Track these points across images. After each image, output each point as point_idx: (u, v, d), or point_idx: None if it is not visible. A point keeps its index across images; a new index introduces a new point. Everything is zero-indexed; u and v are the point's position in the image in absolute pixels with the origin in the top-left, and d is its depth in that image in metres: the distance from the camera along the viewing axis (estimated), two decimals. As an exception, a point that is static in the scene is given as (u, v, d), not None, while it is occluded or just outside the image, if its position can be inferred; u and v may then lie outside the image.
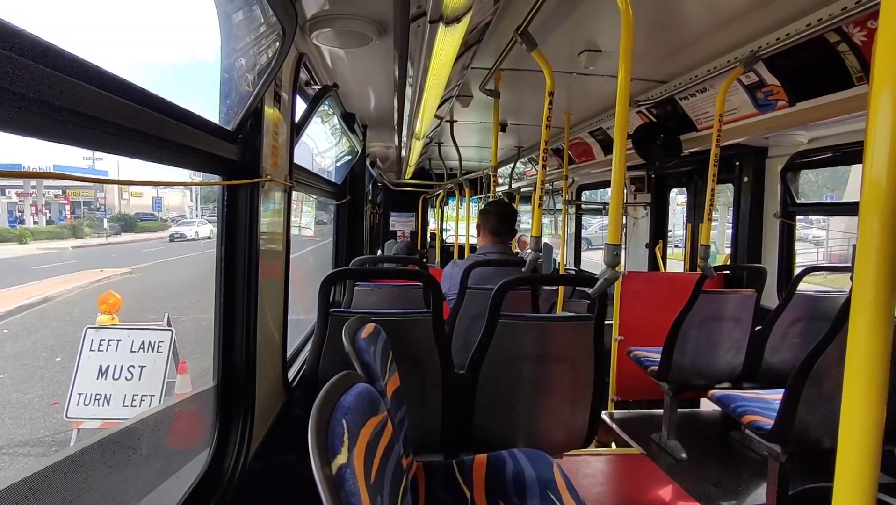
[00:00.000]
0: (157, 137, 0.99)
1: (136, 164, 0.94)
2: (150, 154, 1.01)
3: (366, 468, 0.83)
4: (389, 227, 9.28)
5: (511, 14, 1.90)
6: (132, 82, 0.88)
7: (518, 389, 1.83)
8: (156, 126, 0.96)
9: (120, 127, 0.85)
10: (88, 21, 12.36)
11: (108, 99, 0.80)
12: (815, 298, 2.73)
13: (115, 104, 0.82)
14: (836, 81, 2.03)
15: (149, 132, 0.94)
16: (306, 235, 6.29)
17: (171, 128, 1.02)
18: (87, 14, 12.82)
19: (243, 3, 1.31)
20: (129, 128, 0.88)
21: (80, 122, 0.76)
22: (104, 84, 0.80)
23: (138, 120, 0.90)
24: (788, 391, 1.85)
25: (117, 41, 13.11)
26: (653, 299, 3.36)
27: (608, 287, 1.63)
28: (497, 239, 2.67)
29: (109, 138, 0.86)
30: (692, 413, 3.34)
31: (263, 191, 1.49)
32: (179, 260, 12.79)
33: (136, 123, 0.89)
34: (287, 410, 1.84)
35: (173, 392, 3.79)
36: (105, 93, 0.79)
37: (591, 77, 2.64)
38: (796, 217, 3.29)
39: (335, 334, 1.67)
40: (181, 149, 1.10)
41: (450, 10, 1.19)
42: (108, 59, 0.86)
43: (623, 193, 1.74)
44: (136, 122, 0.89)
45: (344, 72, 2.43)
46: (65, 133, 0.75)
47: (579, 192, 5.99)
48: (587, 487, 2.36)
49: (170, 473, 1.32)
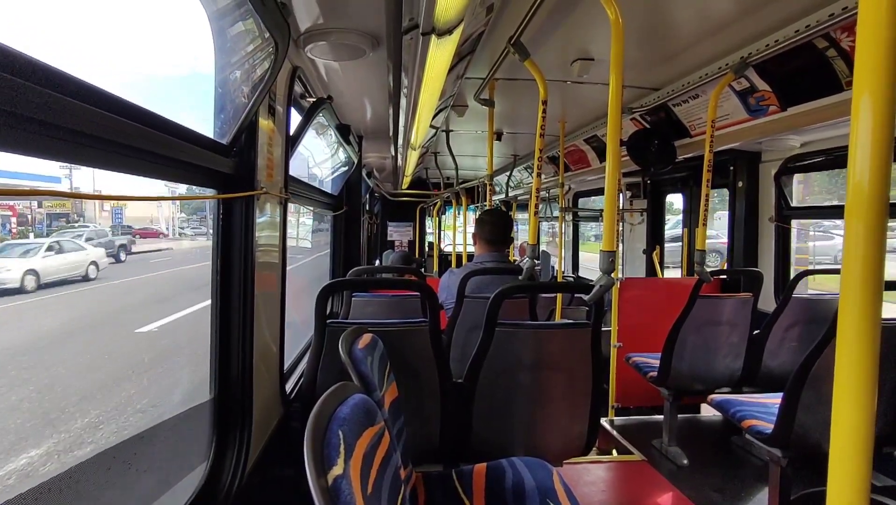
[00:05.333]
0: (152, 153, 0.99)
1: (122, 176, 0.94)
2: (144, 169, 1.01)
3: (362, 479, 0.83)
4: (387, 237, 9.30)
5: (504, 24, 1.92)
6: (126, 99, 0.89)
7: (516, 398, 1.83)
8: (150, 142, 0.97)
9: (114, 144, 0.86)
10: (84, 38, 12.36)
11: (102, 116, 0.81)
12: (812, 301, 2.74)
13: (109, 121, 0.83)
14: (826, 86, 2.05)
15: (144, 148, 0.95)
16: (304, 246, 6.26)
17: (165, 143, 1.03)
18: (84, 32, 12.83)
19: (237, 19, 1.32)
20: (124, 144, 0.89)
21: (75, 139, 0.77)
22: (98, 101, 0.81)
23: (133, 136, 0.90)
24: (787, 395, 1.85)
25: (111, 58, 13.08)
26: (651, 305, 3.36)
27: (604, 294, 1.64)
28: (493, 247, 2.67)
29: (105, 155, 0.87)
30: (693, 419, 3.32)
31: (258, 204, 1.50)
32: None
33: (131, 140, 0.90)
34: (285, 423, 1.83)
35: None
36: (100, 110, 0.80)
37: (584, 85, 2.66)
38: (791, 221, 3.30)
39: (333, 346, 1.67)
40: (176, 164, 1.11)
41: (441, 22, 1.20)
42: (102, 76, 0.87)
43: (618, 200, 1.74)
44: (130, 139, 0.90)
45: (338, 84, 2.45)
46: (59, 150, 0.75)
47: (576, 200, 6.01)
48: (588, 495, 2.34)
49: (166, 489, 1.31)
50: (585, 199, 6.07)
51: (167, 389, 4.69)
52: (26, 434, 3.54)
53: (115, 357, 5.24)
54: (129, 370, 4.93)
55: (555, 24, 1.96)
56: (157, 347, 5.62)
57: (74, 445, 3.43)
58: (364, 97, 2.78)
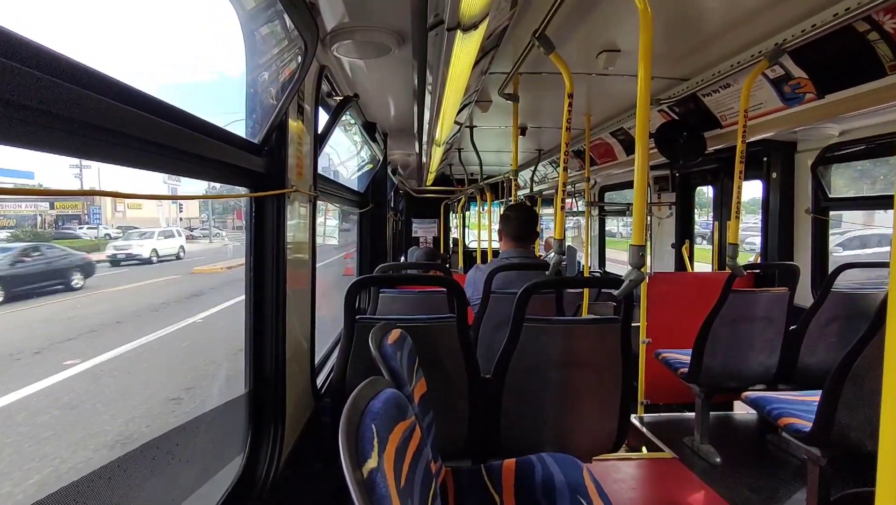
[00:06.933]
0: (189, 153, 1.03)
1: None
2: (182, 169, 1.05)
3: (395, 473, 0.84)
4: (412, 234, 9.34)
5: (528, 18, 1.90)
6: (165, 101, 0.92)
7: (544, 394, 1.82)
8: (188, 142, 1.00)
9: (155, 144, 0.90)
10: (134, 48, 13.01)
11: (143, 118, 0.84)
12: (853, 296, 2.64)
13: (150, 123, 0.86)
14: (867, 71, 1.97)
15: (181, 148, 0.98)
16: (330, 244, 6.35)
17: (202, 143, 1.06)
18: (134, 42, 13.53)
19: (267, 20, 1.35)
20: (164, 144, 0.92)
21: (120, 140, 0.81)
22: (140, 104, 0.84)
23: (172, 136, 0.94)
24: (826, 392, 1.79)
25: (153, 64, 13.71)
26: (680, 300, 3.29)
27: (634, 288, 1.61)
28: (519, 243, 2.66)
29: (146, 155, 0.90)
30: (725, 416, 3.25)
31: (289, 201, 1.52)
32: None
33: (170, 140, 0.93)
34: (316, 417, 1.87)
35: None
36: (142, 112, 0.83)
37: (610, 77, 2.62)
38: (829, 212, 3.19)
39: (361, 341, 1.69)
40: (211, 163, 1.14)
41: (466, 17, 1.20)
42: (145, 81, 0.90)
43: (647, 193, 1.71)
44: (169, 139, 0.93)
45: (364, 82, 2.47)
46: (101, 151, 0.79)
47: (602, 194, 5.92)
48: (618, 492, 2.32)
49: (206, 479, 1.36)
50: (610, 193, 5.98)
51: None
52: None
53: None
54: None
55: (580, 16, 1.93)
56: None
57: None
58: (389, 95, 2.79)
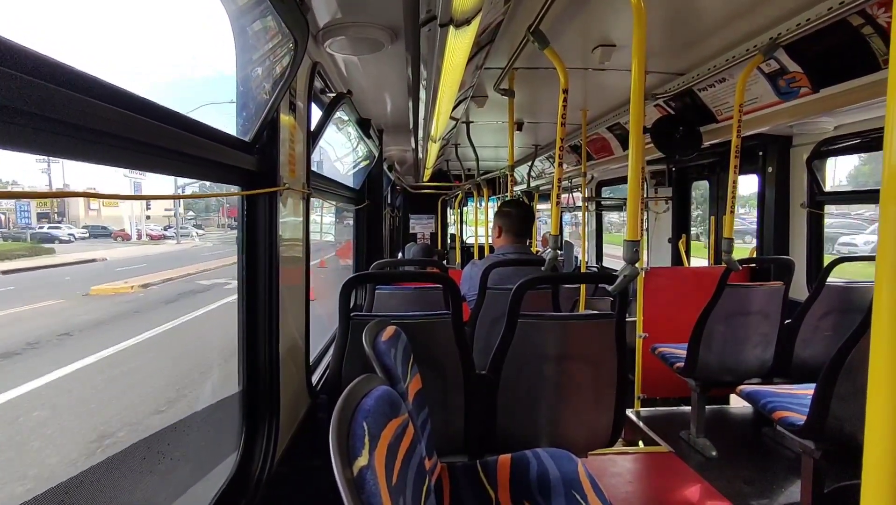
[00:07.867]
0: (178, 152, 1.02)
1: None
2: (171, 168, 1.04)
3: (387, 470, 0.84)
4: (409, 230, 9.33)
5: (523, 13, 1.89)
6: (153, 100, 0.91)
7: (540, 389, 1.82)
8: (177, 141, 0.99)
9: (144, 144, 0.89)
10: (118, 47, 12.89)
11: (132, 118, 0.83)
12: (847, 290, 2.65)
13: (139, 123, 0.85)
14: (862, 66, 1.97)
15: (170, 147, 0.98)
16: (327, 240, 6.37)
17: (191, 142, 1.05)
18: (118, 41, 13.36)
19: (257, 16, 1.34)
20: (153, 144, 0.91)
21: (107, 141, 0.80)
22: (128, 104, 0.83)
23: (160, 136, 0.93)
24: (821, 386, 1.80)
25: (140, 63, 13.67)
26: (676, 295, 3.30)
27: (628, 284, 1.62)
28: (515, 239, 2.65)
29: (135, 155, 0.89)
30: (721, 410, 3.26)
31: (282, 199, 1.52)
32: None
33: (159, 140, 0.92)
34: (311, 414, 1.87)
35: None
36: (130, 112, 0.82)
37: (606, 72, 2.61)
38: (824, 206, 3.19)
39: (357, 338, 1.69)
40: (202, 162, 1.13)
41: (459, 12, 1.19)
42: (132, 80, 0.89)
43: (641, 188, 1.71)
44: (158, 139, 0.92)
45: (358, 78, 2.45)
46: (90, 152, 0.78)
47: (599, 189, 5.92)
48: (614, 487, 2.33)
49: (199, 477, 1.36)
50: (607, 188, 5.98)
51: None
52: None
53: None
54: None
55: (575, 11, 1.92)
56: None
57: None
58: (383, 91, 2.78)
